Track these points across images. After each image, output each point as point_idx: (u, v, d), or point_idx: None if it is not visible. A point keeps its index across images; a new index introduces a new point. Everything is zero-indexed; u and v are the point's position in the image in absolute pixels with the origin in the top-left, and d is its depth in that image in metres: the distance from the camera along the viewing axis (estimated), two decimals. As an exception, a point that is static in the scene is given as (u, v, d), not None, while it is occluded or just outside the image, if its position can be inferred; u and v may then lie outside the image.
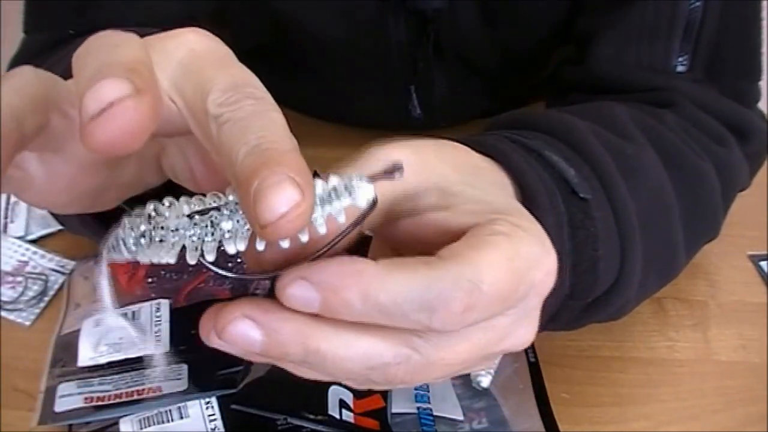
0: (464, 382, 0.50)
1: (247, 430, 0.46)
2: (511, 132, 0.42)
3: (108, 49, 0.26)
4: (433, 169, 0.32)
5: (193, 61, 0.28)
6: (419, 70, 0.67)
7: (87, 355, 0.51)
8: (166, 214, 0.27)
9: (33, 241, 0.61)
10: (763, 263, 0.61)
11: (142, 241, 0.27)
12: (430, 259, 0.28)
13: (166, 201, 0.27)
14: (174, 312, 0.53)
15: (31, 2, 0.61)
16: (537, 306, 0.32)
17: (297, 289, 0.27)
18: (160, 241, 0.27)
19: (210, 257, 0.27)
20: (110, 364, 0.50)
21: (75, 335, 0.52)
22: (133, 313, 0.53)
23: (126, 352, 0.50)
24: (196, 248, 0.27)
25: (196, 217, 0.27)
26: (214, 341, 0.28)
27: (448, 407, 0.48)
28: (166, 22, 0.62)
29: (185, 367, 0.49)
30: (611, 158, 0.43)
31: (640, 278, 0.43)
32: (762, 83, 0.60)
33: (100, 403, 0.47)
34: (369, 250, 0.35)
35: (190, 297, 0.55)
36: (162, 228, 0.27)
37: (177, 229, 0.26)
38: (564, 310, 0.41)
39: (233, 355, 0.28)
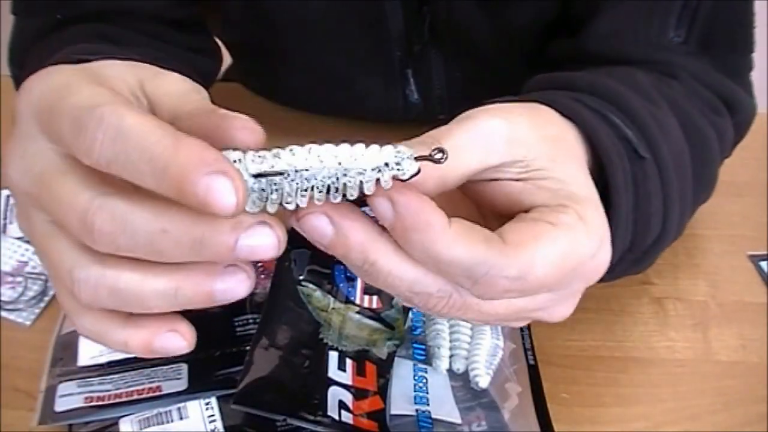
0: (464, 384, 0.50)
1: (247, 430, 0.46)
2: (565, 92, 0.45)
3: None
4: (522, 143, 0.36)
5: None
6: (415, 53, 0.67)
7: (87, 354, 0.50)
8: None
9: (33, 241, 0.61)
10: (763, 263, 0.61)
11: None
12: (492, 237, 0.33)
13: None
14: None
15: None
16: (581, 290, 0.36)
17: (380, 203, 0.31)
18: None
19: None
20: (110, 364, 0.50)
21: (75, 335, 0.52)
22: (133, 312, 0.53)
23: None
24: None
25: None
26: (292, 222, 0.32)
27: (447, 410, 0.48)
28: (156, 7, 0.62)
29: (185, 366, 0.50)
30: (652, 121, 0.45)
31: (675, 234, 0.47)
32: (762, 74, 0.60)
33: (100, 402, 0.47)
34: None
35: (190, 297, 0.55)
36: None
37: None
38: (620, 263, 0.44)
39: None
